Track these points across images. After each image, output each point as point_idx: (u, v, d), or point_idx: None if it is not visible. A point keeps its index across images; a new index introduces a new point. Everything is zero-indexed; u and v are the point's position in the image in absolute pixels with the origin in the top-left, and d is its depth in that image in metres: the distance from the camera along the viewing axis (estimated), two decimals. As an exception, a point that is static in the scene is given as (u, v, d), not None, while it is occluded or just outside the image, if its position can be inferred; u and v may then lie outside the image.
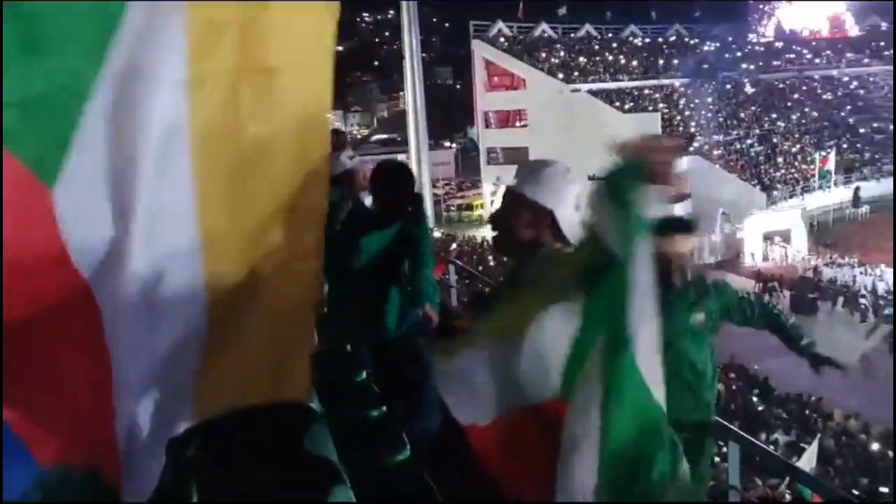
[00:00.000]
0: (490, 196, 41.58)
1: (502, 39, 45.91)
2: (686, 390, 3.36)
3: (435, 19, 71.70)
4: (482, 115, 44.06)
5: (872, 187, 40.03)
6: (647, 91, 45.76)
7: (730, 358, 15.90)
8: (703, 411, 3.48)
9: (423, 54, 24.79)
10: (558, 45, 47.78)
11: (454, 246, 26.38)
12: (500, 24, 46.38)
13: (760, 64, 51.01)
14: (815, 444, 7.11)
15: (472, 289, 9.81)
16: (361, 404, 2.88)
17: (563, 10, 49.79)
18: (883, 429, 12.87)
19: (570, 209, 1.94)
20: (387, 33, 79.52)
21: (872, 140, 44.96)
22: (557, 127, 37.50)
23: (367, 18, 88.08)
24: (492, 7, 46.92)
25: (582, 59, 46.92)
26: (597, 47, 48.94)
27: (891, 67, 51.82)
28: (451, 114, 45.70)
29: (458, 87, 54.29)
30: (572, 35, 49.38)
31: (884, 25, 53.97)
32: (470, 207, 43.05)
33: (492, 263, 22.00)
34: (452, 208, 43.58)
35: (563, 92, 41.49)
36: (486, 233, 33.38)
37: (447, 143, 47.21)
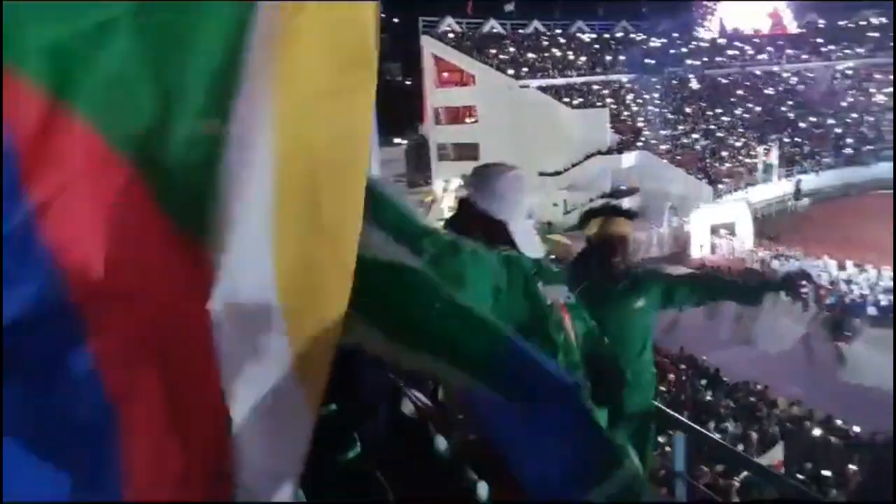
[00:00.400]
0: (441, 193, 41.58)
1: (451, 35, 45.97)
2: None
3: (384, 15, 71.16)
4: (432, 112, 44.04)
5: (812, 180, 41.20)
6: (595, 87, 46.30)
7: (679, 350, 16.21)
8: (643, 395, 3.52)
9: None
10: (507, 42, 48.04)
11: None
12: (450, 20, 46.43)
13: (705, 60, 52.04)
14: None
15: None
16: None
17: (510, 7, 50.04)
18: (824, 415, 13.28)
19: (523, 219, 1.93)
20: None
21: (812, 134, 46.24)
22: (507, 123, 37.74)
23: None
24: (441, 3, 46.93)
25: (531, 55, 47.25)
26: (545, 43, 49.33)
27: (827, 63, 53.54)
28: (401, 110, 45.52)
29: (408, 83, 54.08)
30: (521, 31, 49.70)
31: (821, 23, 55.57)
32: (420, 205, 43.01)
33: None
34: (402, 206, 43.38)
35: (512, 88, 41.73)
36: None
37: (397, 140, 47.03)
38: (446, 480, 1.58)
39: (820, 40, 55.06)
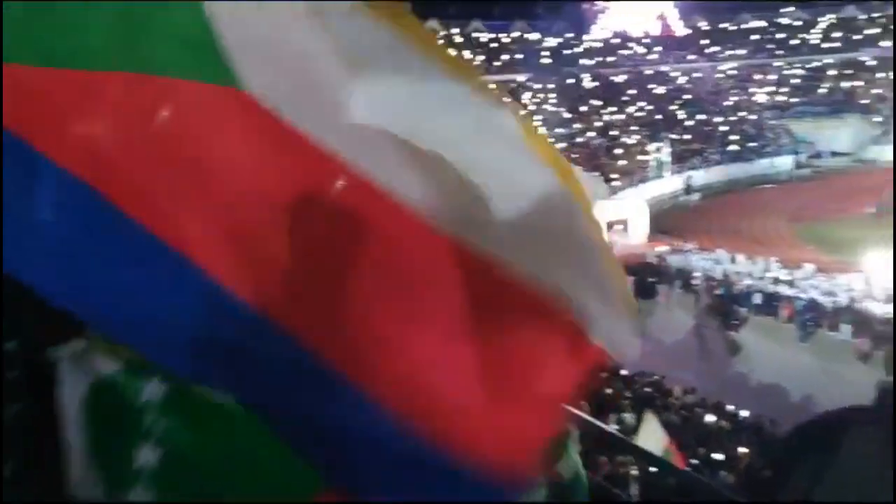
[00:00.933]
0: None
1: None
2: None
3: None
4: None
5: (702, 176, 43.05)
6: (491, 86, 46.69)
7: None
8: None
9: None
10: (405, 41, 47.95)
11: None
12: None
13: (598, 60, 53.51)
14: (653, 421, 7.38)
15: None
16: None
17: (406, 6, 49.94)
18: (716, 400, 13.81)
19: None
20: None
21: (700, 132, 48.28)
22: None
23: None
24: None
25: (428, 55, 47.31)
26: (441, 42, 49.49)
27: (712, 64, 56.06)
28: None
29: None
30: (417, 30, 49.70)
31: (704, 25, 58.03)
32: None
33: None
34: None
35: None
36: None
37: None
38: None
39: (705, 42, 57.54)
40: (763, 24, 58.50)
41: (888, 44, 54.97)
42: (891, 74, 54.02)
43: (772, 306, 22.71)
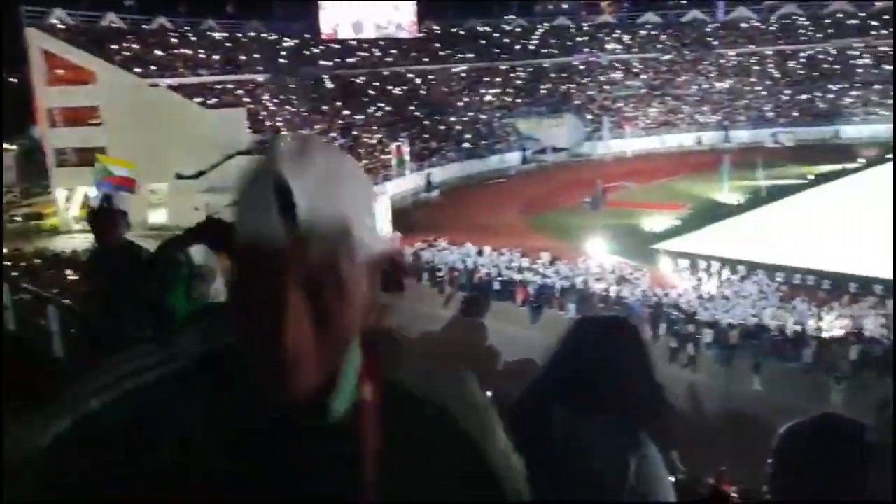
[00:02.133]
0: (65, 202, 37.41)
1: (63, 28, 41.48)
2: None
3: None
4: (46, 113, 39.31)
5: (440, 173, 45.02)
6: (230, 86, 45.24)
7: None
8: None
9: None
10: (130, 37, 44.78)
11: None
12: (60, 12, 41.81)
13: (337, 60, 53.79)
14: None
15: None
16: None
17: (130, 1, 46.80)
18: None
19: None
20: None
21: (437, 132, 50.40)
22: (137, 124, 35.08)
23: None
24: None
25: (158, 53, 44.61)
26: (174, 40, 46.92)
27: (445, 66, 58.77)
28: (6, 112, 40.01)
29: (13, 81, 47.73)
30: (145, 27, 46.67)
31: (437, 29, 60.67)
32: (40, 216, 38.19)
33: (72, 278, 19.66)
34: (18, 218, 38.17)
35: (140, 87, 39.02)
36: (63, 244, 29.96)
37: (5, 146, 41.30)
38: None
39: (437, 45, 60.13)
40: (488, 29, 62.50)
41: (594, 50, 61.45)
42: (600, 77, 60.49)
43: (509, 292, 24.35)
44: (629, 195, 39.84)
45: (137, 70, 40.81)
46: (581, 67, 61.39)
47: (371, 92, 52.46)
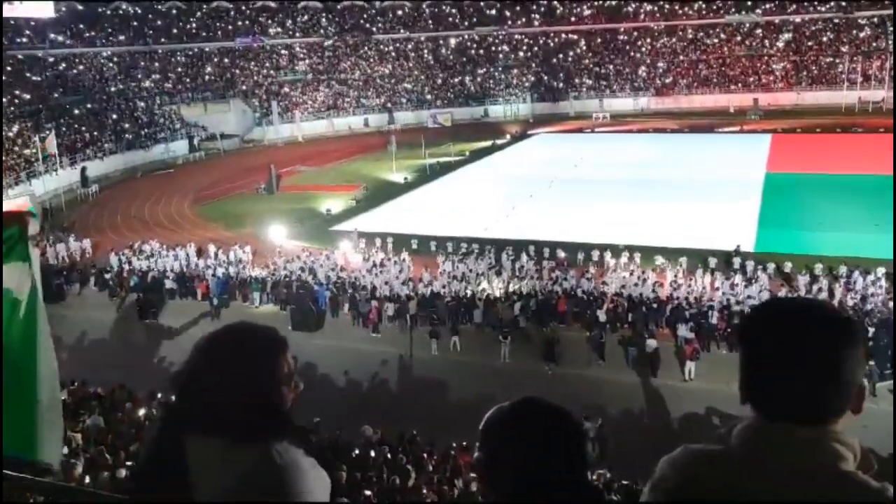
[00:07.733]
0: None
1: None
2: None
3: None
4: None
5: (97, 166, 41.10)
6: None
7: None
8: None
9: None
10: None
11: None
12: None
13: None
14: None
15: None
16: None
17: None
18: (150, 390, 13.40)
19: None
20: None
21: (90, 120, 45.89)
22: None
23: None
24: None
25: None
26: None
27: (93, 49, 53.64)
28: None
29: None
30: None
31: (80, 7, 54.92)
32: None
33: None
34: None
35: None
36: None
37: None
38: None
39: (82, 26, 54.72)
40: (139, 11, 58.25)
41: (256, 35, 60.38)
42: (266, 62, 59.60)
43: (189, 288, 23.05)
44: (304, 178, 40.03)
45: None
46: (245, 51, 60.09)
47: (6, 79, 46.03)
